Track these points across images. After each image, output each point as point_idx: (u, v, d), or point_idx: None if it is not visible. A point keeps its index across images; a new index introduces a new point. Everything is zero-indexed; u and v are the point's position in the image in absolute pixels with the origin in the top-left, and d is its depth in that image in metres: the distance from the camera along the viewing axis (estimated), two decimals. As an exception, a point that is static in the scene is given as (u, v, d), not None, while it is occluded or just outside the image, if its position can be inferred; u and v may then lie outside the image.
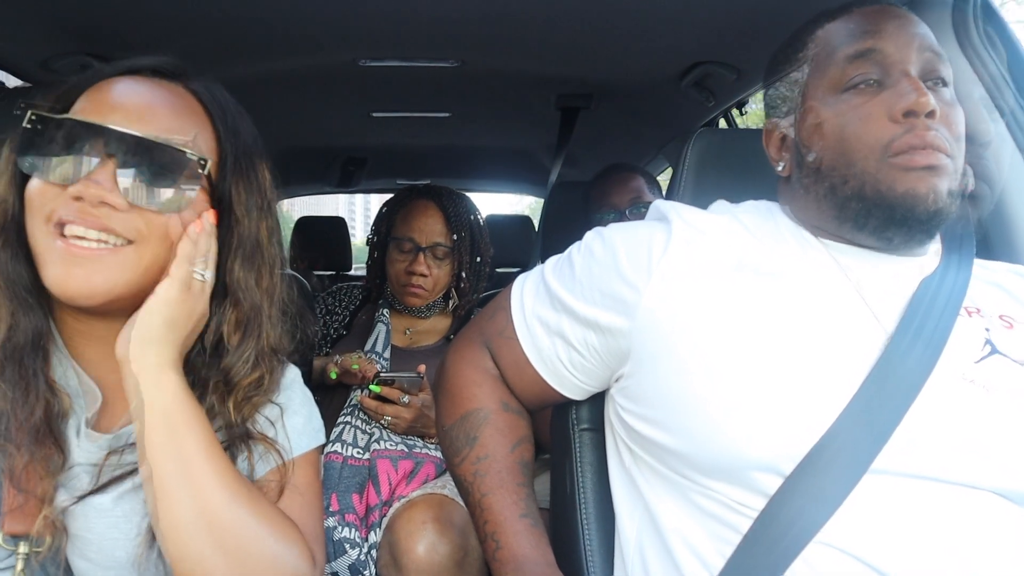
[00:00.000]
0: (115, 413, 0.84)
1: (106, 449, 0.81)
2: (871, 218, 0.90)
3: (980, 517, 0.77)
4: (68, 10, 1.44)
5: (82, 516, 0.79)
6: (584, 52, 1.80)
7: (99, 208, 0.76)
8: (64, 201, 0.76)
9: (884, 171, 0.87)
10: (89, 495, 0.79)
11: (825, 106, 0.93)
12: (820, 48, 0.96)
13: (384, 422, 1.65)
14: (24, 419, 0.75)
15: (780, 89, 1.01)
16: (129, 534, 0.80)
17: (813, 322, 0.86)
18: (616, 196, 2.10)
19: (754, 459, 0.81)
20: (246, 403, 0.87)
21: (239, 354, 0.86)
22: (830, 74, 0.93)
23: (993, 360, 0.86)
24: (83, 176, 0.76)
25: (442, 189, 1.92)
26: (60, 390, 0.80)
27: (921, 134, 0.86)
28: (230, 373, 0.86)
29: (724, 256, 0.93)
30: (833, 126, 0.92)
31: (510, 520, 0.98)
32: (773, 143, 1.03)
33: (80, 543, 0.78)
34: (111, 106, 0.80)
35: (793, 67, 0.99)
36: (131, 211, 0.78)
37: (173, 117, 0.82)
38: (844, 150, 0.90)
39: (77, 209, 0.75)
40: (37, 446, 0.76)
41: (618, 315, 0.94)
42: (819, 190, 0.94)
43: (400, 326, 1.89)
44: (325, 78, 2.01)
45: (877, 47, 0.91)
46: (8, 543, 0.75)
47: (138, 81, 0.84)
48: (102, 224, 0.76)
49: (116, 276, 0.78)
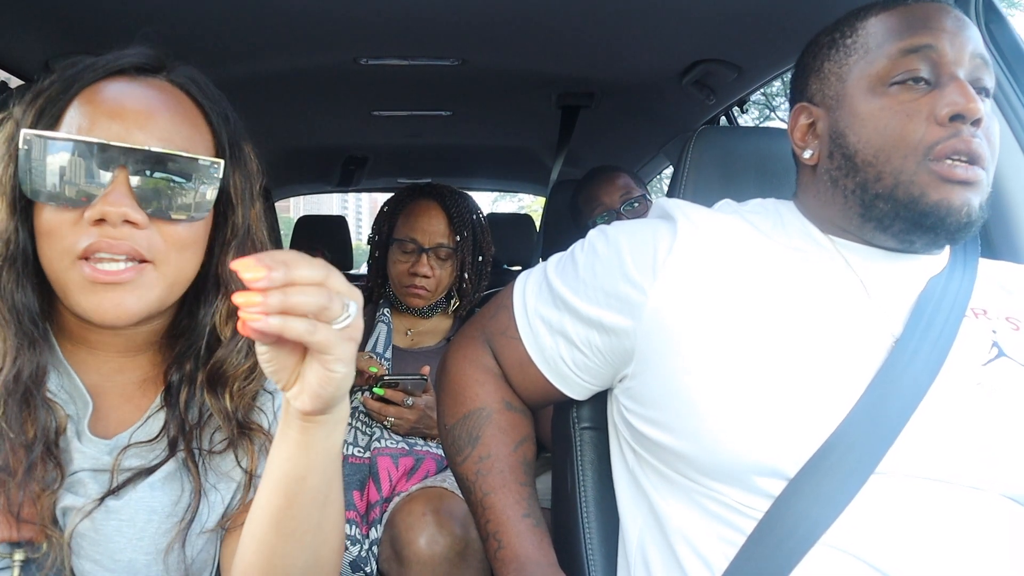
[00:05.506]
0: (108, 418, 0.83)
1: (108, 453, 0.80)
2: (898, 220, 0.88)
3: (987, 519, 0.77)
4: (68, 10, 1.44)
5: (89, 518, 0.78)
6: (585, 51, 1.80)
7: (121, 228, 0.74)
8: (83, 228, 0.73)
9: (921, 175, 0.85)
10: (104, 499, 0.78)
11: (869, 97, 0.89)
12: (870, 37, 0.91)
13: (387, 423, 1.65)
14: (21, 447, 0.73)
15: (818, 72, 0.97)
16: (132, 538, 0.79)
17: (819, 323, 0.86)
18: (607, 196, 2.13)
19: (757, 463, 0.80)
20: (241, 393, 0.85)
21: (232, 345, 0.84)
22: (878, 65, 0.89)
23: (1000, 363, 0.85)
24: (99, 196, 0.73)
25: (445, 189, 1.91)
26: (57, 405, 0.78)
27: (967, 140, 0.84)
28: (223, 366, 0.84)
29: (730, 256, 0.92)
30: (875, 119, 0.88)
31: (512, 520, 0.98)
32: (800, 128, 0.98)
33: (87, 543, 0.77)
34: (111, 116, 0.76)
35: (837, 52, 0.95)
36: (150, 226, 0.76)
37: (172, 119, 0.79)
38: (883, 145, 0.87)
39: (100, 235, 0.73)
40: (34, 468, 0.74)
41: (622, 315, 0.93)
42: (848, 184, 0.91)
43: (402, 326, 1.89)
44: (326, 77, 2.01)
45: (933, 44, 0.87)
46: (3, 550, 0.73)
47: (127, 83, 0.80)
48: (129, 248, 0.74)
49: (146, 297, 0.76)
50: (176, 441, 0.82)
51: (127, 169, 0.74)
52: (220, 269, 0.84)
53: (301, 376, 0.62)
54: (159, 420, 0.84)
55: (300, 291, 0.56)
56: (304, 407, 0.62)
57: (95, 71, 0.79)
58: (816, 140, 0.96)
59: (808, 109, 0.97)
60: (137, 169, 0.74)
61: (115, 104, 0.77)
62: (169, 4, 1.45)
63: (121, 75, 0.80)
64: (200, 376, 0.84)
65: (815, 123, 0.96)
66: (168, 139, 0.77)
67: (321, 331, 0.57)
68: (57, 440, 0.77)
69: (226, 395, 0.84)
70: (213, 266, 0.85)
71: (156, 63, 0.83)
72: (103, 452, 0.80)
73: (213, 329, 0.85)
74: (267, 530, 0.72)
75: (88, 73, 0.79)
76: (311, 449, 0.67)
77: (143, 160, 0.74)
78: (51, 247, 0.75)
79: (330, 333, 0.57)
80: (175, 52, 0.86)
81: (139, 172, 0.74)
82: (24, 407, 0.74)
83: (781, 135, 1.27)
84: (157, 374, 0.87)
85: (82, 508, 0.77)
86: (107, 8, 1.44)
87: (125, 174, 0.74)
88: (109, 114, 0.76)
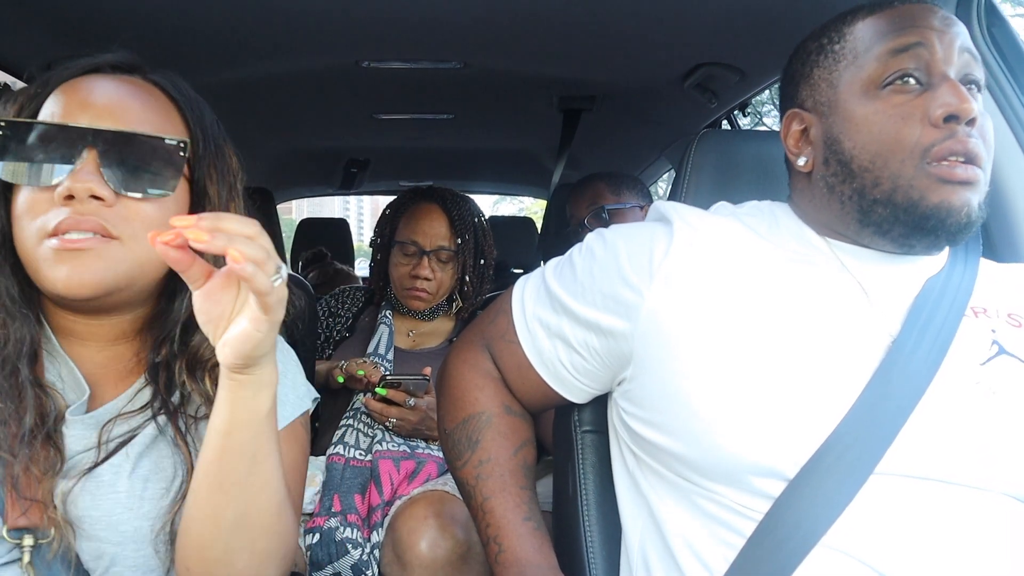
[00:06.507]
0: (100, 401, 0.85)
1: (95, 428, 0.82)
2: (897, 225, 0.88)
3: (988, 519, 0.77)
4: (69, 11, 1.44)
5: (88, 494, 0.80)
6: (587, 54, 1.80)
7: (88, 204, 0.77)
8: (54, 206, 0.77)
9: (920, 178, 0.85)
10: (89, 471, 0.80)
11: (862, 102, 0.89)
12: (859, 41, 0.91)
13: (389, 424, 1.65)
14: (17, 427, 0.76)
15: (808, 79, 0.96)
16: (131, 507, 0.81)
17: (816, 325, 0.86)
18: (576, 210, 2.15)
19: (755, 464, 0.80)
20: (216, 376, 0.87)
21: None
22: (869, 68, 0.89)
23: (1000, 361, 0.85)
24: (68, 175, 0.77)
25: (446, 191, 1.91)
26: (53, 390, 0.81)
27: (963, 140, 0.83)
28: (200, 350, 0.87)
29: (726, 259, 0.92)
30: (870, 124, 0.88)
31: (513, 523, 0.98)
32: (793, 135, 0.98)
33: (88, 522, 0.79)
34: (83, 105, 0.80)
35: (826, 58, 0.94)
36: (118, 203, 0.79)
37: (144, 110, 0.83)
38: (880, 150, 0.87)
39: (69, 213, 0.76)
40: (34, 451, 0.77)
41: (619, 318, 0.93)
42: (845, 191, 0.91)
43: (403, 328, 1.89)
44: (328, 80, 2.01)
45: (922, 41, 0.87)
46: (13, 536, 0.76)
47: (103, 79, 0.84)
48: (96, 224, 0.77)
49: (112, 270, 0.78)
50: (160, 408, 0.85)
51: (95, 149, 0.78)
52: None
53: (227, 330, 0.69)
54: (144, 396, 0.87)
55: (243, 241, 0.64)
56: (226, 360, 0.70)
57: (72, 69, 0.84)
58: (810, 146, 0.96)
59: (800, 115, 0.97)
60: (105, 149, 0.78)
61: (87, 94, 0.82)
62: (171, 7, 1.45)
63: (97, 72, 0.85)
64: (179, 362, 0.87)
65: (808, 129, 0.96)
66: (138, 125, 0.81)
67: (260, 275, 0.64)
68: (56, 426, 0.80)
69: (205, 378, 0.87)
70: None
71: (133, 63, 0.88)
72: (89, 428, 0.83)
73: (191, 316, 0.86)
74: (199, 480, 0.78)
75: (65, 71, 0.84)
76: (236, 407, 0.73)
77: (111, 140, 0.79)
78: (25, 227, 0.78)
79: (267, 280, 0.65)
80: (178, 54, 0.88)
81: (106, 152, 0.78)
82: (15, 382, 0.78)
83: (783, 138, 1.27)
84: (142, 358, 0.90)
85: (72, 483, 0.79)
86: (108, 9, 1.44)
87: (94, 153, 0.78)
88: (80, 103, 0.81)
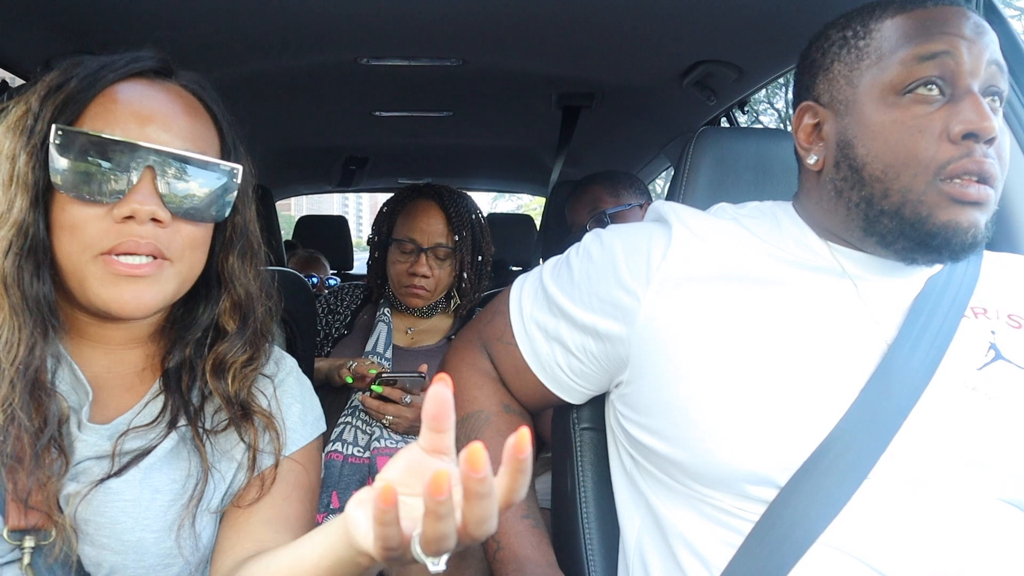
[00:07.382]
0: (108, 407, 0.85)
1: (108, 439, 0.82)
2: (902, 238, 0.86)
3: (984, 522, 0.77)
4: (69, 9, 1.44)
5: (95, 501, 0.80)
6: (586, 51, 1.80)
7: (146, 226, 0.77)
8: (108, 224, 0.77)
9: (931, 194, 0.82)
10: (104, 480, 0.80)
11: (880, 108, 0.86)
12: (885, 41, 0.87)
13: (386, 421, 1.65)
14: (28, 434, 0.76)
15: (827, 72, 0.92)
16: (138, 517, 0.81)
17: (814, 332, 0.86)
18: (576, 216, 2.16)
19: (749, 472, 0.80)
20: (242, 376, 0.90)
21: (237, 339, 0.89)
22: (891, 72, 0.85)
23: (997, 366, 0.85)
24: (126, 194, 0.77)
25: (443, 189, 1.91)
26: (60, 394, 0.81)
27: (979, 160, 0.81)
28: (226, 355, 0.88)
29: (724, 262, 0.92)
30: (886, 132, 0.84)
31: (511, 521, 0.98)
32: (805, 128, 0.94)
33: (92, 528, 0.79)
34: (137, 118, 0.79)
35: (848, 53, 0.90)
36: (172, 225, 0.80)
37: (191, 122, 0.83)
38: (893, 162, 0.84)
39: (127, 233, 0.77)
40: (41, 455, 0.76)
41: (616, 322, 0.93)
42: (853, 197, 0.88)
43: (402, 326, 1.89)
44: (327, 77, 2.01)
45: (950, 50, 0.83)
46: (13, 537, 0.75)
47: (147, 86, 0.83)
48: (154, 248, 0.78)
49: (163, 291, 0.81)
50: (175, 420, 0.85)
51: (154, 169, 0.78)
52: (222, 267, 0.89)
53: None
54: (158, 404, 0.87)
55: None
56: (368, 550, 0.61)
57: (115, 71, 0.82)
58: (822, 143, 0.92)
59: (814, 108, 0.93)
60: (163, 170, 0.79)
61: (139, 105, 0.81)
62: (170, 4, 1.45)
63: (140, 77, 0.84)
64: (204, 364, 0.88)
65: (821, 124, 0.92)
66: (189, 141, 0.81)
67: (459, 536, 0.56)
68: (61, 429, 0.80)
69: (228, 379, 0.88)
70: (215, 264, 0.89)
71: (169, 67, 0.87)
72: (103, 438, 0.82)
73: (217, 321, 0.90)
74: None
75: (108, 73, 0.82)
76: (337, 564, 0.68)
77: (169, 161, 0.79)
78: (73, 241, 0.78)
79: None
80: (176, 52, 0.88)
81: (164, 173, 0.79)
82: (35, 395, 0.77)
83: (782, 137, 1.27)
84: (154, 363, 0.90)
85: (80, 491, 0.79)
86: (108, 8, 1.44)
87: (152, 174, 0.78)
88: (135, 115, 0.80)
